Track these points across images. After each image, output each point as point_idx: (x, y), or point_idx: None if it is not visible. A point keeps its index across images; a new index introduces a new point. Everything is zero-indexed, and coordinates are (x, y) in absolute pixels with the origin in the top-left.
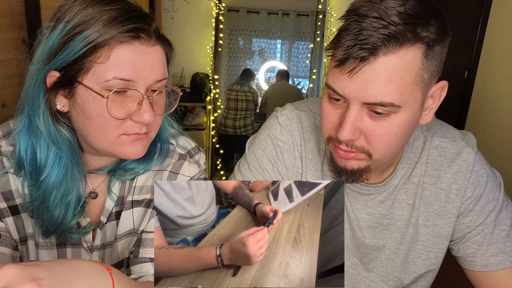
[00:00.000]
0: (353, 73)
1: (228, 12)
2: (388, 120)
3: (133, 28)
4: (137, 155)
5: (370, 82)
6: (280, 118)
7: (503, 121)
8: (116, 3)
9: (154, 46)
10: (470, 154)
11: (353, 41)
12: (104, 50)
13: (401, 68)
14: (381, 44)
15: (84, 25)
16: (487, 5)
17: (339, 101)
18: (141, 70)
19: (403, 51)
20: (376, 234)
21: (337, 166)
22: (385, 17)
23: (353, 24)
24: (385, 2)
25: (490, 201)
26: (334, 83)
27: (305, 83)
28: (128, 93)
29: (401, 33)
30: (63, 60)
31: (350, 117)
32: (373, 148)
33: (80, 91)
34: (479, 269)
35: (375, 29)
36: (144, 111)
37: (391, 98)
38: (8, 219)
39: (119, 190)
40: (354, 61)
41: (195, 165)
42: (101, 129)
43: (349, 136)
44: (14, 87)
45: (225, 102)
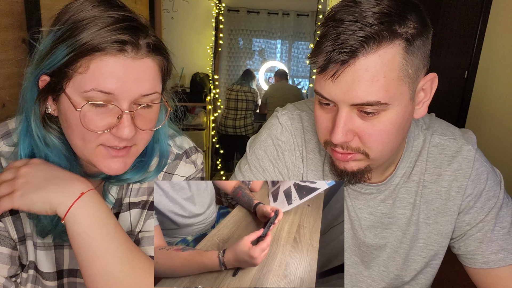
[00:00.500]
0: (335, 77)
1: (228, 12)
2: (378, 119)
3: (117, 40)
4: (116, 172)
5: (354, 84)
6: (281, 118)
7: (503, 121)
8: (112, 10)
9: (142, 59)
10: (470, 151)
11: (332, 46)
12: (84, 60)
13: (382, 66)
14: (359, 46)
15: (70, 33)
16: (487, 5)
17: (329, 105)
18: (123, 83)
19: (382, 49)
20: (377, 233)
21: (337, 169)
22: (361, 19)
23: (331, 30)
24: (360, 5)
25: (490, 198)
26: (320, 89)
27: (305, 83)
28: (110, 106)
29: (377, 33)
30: (48, 66)
31: (340, 120)
32: (369, 148)
33: (63, 98)
34: (480, 267)
35: (351, 32)
36: (124, 126)
37: (377, 97)
38: (7, 218)
39: (117, 193)
40: (335, 65)
41: (191, 165)
42: (80, 138)
43: (342, 139)
44: (14, 87)
45: (225, 102)
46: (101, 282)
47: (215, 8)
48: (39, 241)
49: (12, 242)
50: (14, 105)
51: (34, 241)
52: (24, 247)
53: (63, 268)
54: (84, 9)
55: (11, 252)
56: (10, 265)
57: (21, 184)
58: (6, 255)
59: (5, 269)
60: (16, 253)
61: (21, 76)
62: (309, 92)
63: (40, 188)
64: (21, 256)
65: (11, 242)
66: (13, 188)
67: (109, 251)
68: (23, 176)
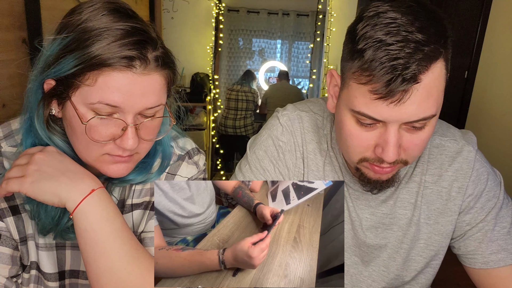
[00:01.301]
0: (399, 104)
1: (228, 12)
2: (425, 129)
3: (126, 56)
4: (119, 175)
5: (412, 105)
6: (282, 119)
7: (503, 121)
8: (122, 21)
9: (150, 75)
10: (470, 152)
11: (391, 74)
12: (92, 73)
13: (435, 81)
14: (420, 69)
15: (78, 44)
16: (487, 5)
17: (371, 124)
18: (130, 97)
19: (433, 64)
20: (378, 233)
21: (370, 179)
22: (411, 38)
23: (380, 53)
24: (395, 20)
25: (490, 199)
26: (370, 111)
27: (305, 83)
28: (114, 117)
29: (433, 51)
30: (54, 74)
31: (392, 139)
32: (411, 157)
33: (68, 106)
34: (480, 267)
35: (409, 55)
36: (128, 137)
37: (431, 112)
38: (8, 219)
39: (119, 194)
40: (397, 93)
41: (193, 166)
42: (84, 146)
43: (395, 157)
44: (14, 87)
45: (225, 102)
46: (105, 279)
47: (215, 8)
48: (41, 241)
49: (14, 243)
50: (14, 105)
51: (36, 241)
52: (25, 248)
53: (65, 269)
54: (94, 18)
55: (12, 252)
56: (11, 265)
57: (33, 171)
58: (8, 255)
59: (6, 270)
60: (17, 253)
61: (22, 77)
62: (309, 92)
63: (52, 178)
64: (22, 256)
65: (12, 243)
66: (24, 173)
67: (115, 249)
68: (36, 162)
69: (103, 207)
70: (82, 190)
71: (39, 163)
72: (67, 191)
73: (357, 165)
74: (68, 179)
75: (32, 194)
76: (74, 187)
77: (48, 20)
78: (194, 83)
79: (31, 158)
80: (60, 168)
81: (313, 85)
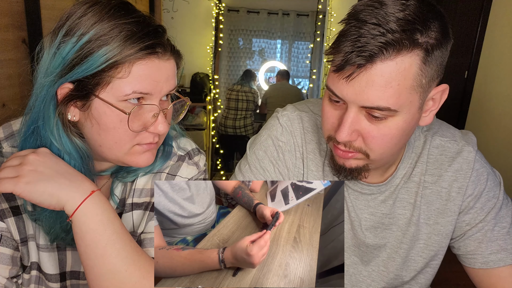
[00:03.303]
0: (350, 79)
1: (228, 12)
2: (385, 123)
3: (151, 44)
4: (148, 163)
5: (367, 87)
6: (281, 119)
7: (503, 121)
8: (131, 16)
9: (169, 60)
10: (470, 152)
11: (351, 48)
12: (124, 66)
13: (398, 74)
14: (378, 51)
15: (102, 40)
16: (487, 5)
17: (338, 103)
18: (157, 83)
19: (400, 57)
20: (378, 233)
21: (336, 164)
22: (384, 24)
23: (352, 30)
24: (385, 7)
25: (490, 199)
26: (333, 86)
27: (305, 83)
28: (144, 105)
29: (398, 41)
30: (81, 74)
31: (348, 120)
32: (370, 149)
33: (96, 104)
34: (480, 267)
35: (372, 36)
36: (159, 122)
37: (387, 103)
38: (9, 219)
39: (120, 193)
40: (351, 67)
41: (193, 166)
42: (116, 140)
43: (347, 138)
44: (14, 87)
45: (225, 102)
46: (105, 282)
47: (215, 8)
48: (42, 242)
49: (14, 243)
50: (14, 104)
51: (37, 242)
52: (26, 248)
53: (66, 270)
54: (105, 15)
55: (12, 253)
56: (12, 266)
57: (28, 171)
58: (8, 256)
59: (7, 270)
60: (17, 254)
61: (21, 76)
62: (309, 92)
63: (50, 179)
64: (22, 257)
65: (13, 243)
66: (18, 173)
67: (115, 250)
68: (30, 163)
69: (103, 209)
70: (82, 191)
71: (35, 163)
72: (67, 192)
73: (328, 144)
74: (67, 180)
75: (28, 195)
76: (74, 188)
77: (48, 20)
78: (194, 83)
79: (25, 158)
80: (57, 169)
81: (313, 85)
